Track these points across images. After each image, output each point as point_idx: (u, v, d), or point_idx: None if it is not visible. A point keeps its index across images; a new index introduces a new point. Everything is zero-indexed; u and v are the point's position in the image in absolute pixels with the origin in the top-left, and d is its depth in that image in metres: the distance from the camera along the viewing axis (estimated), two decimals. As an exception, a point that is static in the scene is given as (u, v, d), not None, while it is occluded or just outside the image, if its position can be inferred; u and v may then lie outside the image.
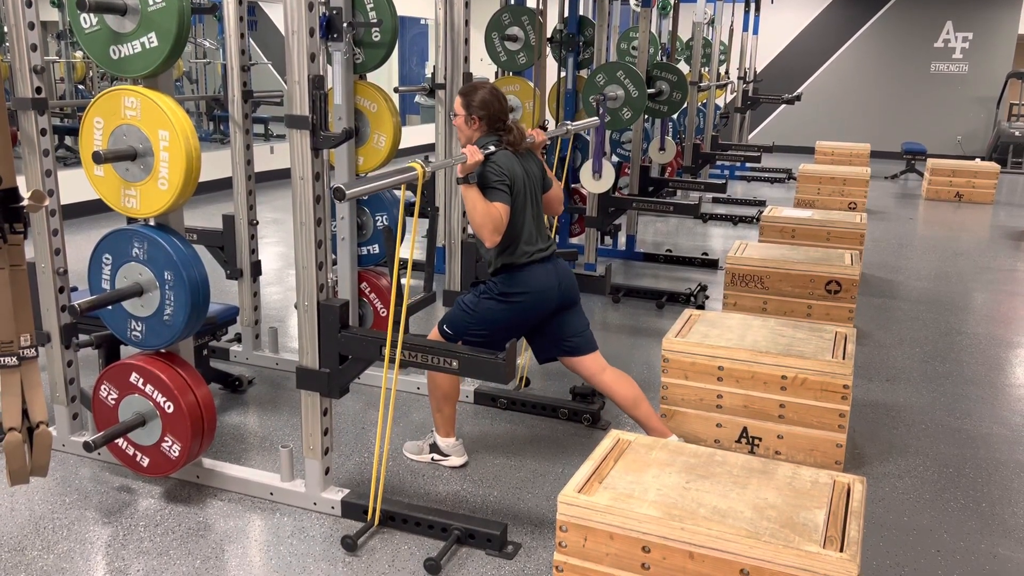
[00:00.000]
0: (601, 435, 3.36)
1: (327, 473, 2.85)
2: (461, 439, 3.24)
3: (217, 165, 6.85)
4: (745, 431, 3.26)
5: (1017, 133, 12.29)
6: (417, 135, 12.59)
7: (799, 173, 8.60)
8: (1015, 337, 4.99)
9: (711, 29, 9.58)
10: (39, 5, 2.82)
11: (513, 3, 5.90)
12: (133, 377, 2.80)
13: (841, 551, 1.88)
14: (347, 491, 2.86)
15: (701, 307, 5.32)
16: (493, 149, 2.83)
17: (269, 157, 9.55)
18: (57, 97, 9.25)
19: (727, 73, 10.71)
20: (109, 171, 2.64)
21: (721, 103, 10.65)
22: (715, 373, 3.26)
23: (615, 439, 2.42)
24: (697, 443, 3.22)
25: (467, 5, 3.51)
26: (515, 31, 5.40)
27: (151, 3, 2.46)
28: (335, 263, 3.52)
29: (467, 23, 3.54)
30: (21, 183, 2.22)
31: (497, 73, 5.90)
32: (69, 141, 8.65)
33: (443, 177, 4.39)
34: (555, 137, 3.78)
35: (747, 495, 2.12)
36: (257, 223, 4.05)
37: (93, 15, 2.53)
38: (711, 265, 6.38)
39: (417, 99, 13.06)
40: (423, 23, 13.60)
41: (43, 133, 2.87)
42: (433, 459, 3.20)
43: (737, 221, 8.14)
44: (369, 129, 3.56)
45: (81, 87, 9.69)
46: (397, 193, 3.89)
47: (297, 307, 2.72)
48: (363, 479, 3.05)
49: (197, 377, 2.85)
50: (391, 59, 3.59)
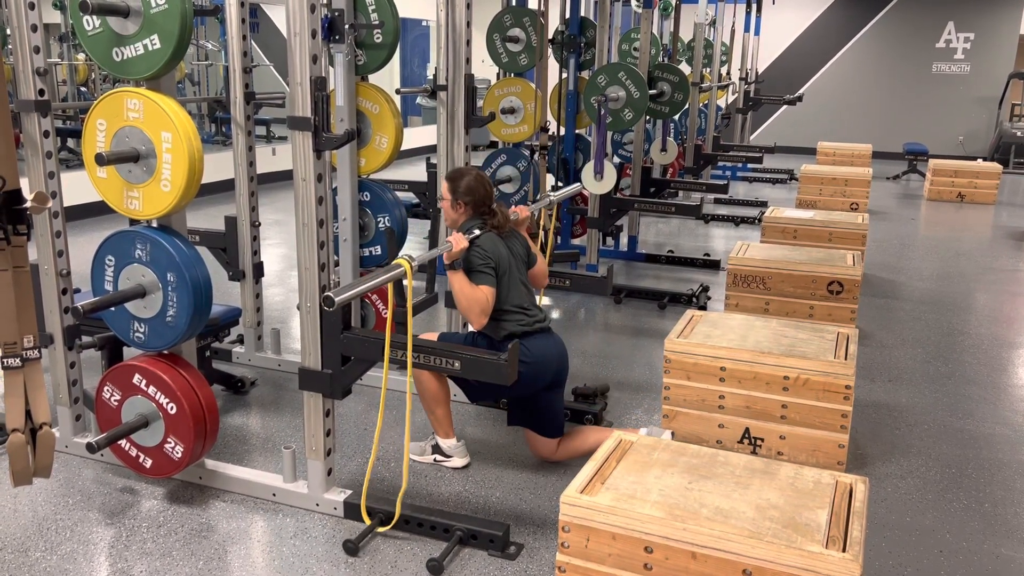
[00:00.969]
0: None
1: (329, 474, 2.85)
2: (463, 440, 3.24)
3: (219, 167, 6.87)
4: (747, 432, 3.26)
5: (1019, 133, 12.28)
6: (419, 136, 12.61)
7: (801, 174, 8.61)
8: (1017, 337, 4.99)
9: (713, 30, 9.59)
10: (41, 7, 2.83)
11: (515, 4, 5.90)
12: (136, 378, 2.80)
13: (844, 551, 1.88)
14: (349, 492, 2.86)
15: (703, 308, 5.32)
16: (478, 233, 2.95)
17: (271, 159, 9.56)
18: (59, 99, 9.28)
19: (729, 74, 10.71)
20: (112, 173, 2.65)
21: (723, 104, 10.64)
22: (717, 374, 3.26)
23: (617, 440, 2.42)
24: (699, 444, 3.22)
25: (469, 6, 3.51)
26: (516, 32, 5.41)
27: (154, 5, 2.47)
28: (337, 264, 3.53)
29: (469, 24, 3.54)
30: (24, 185, 2.23)
31: (499, 74, 5.90)
32: (71, 143, 8.67)
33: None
34: (545, 209, 3.82)
35: (749, 495, 2.12)
36: (259, 224, 4.05)
37: (96, 17, 2.54)
38: (713, 266, 6.38)
39: (419, 100, 13.07)
40: (425, 24, 13.61)
41: (46, 135, 2.87)
42: (435, 460, 3.21)
43: (739, 222, 8.14)
44: (371, 130, 3.56)
45: (83, 89, 9.71)
46: (399, 194, 3.90)
47: (299, 308, 2.72)
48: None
49: (200, 378, 2.85)
50: (393, 60, 3.60)
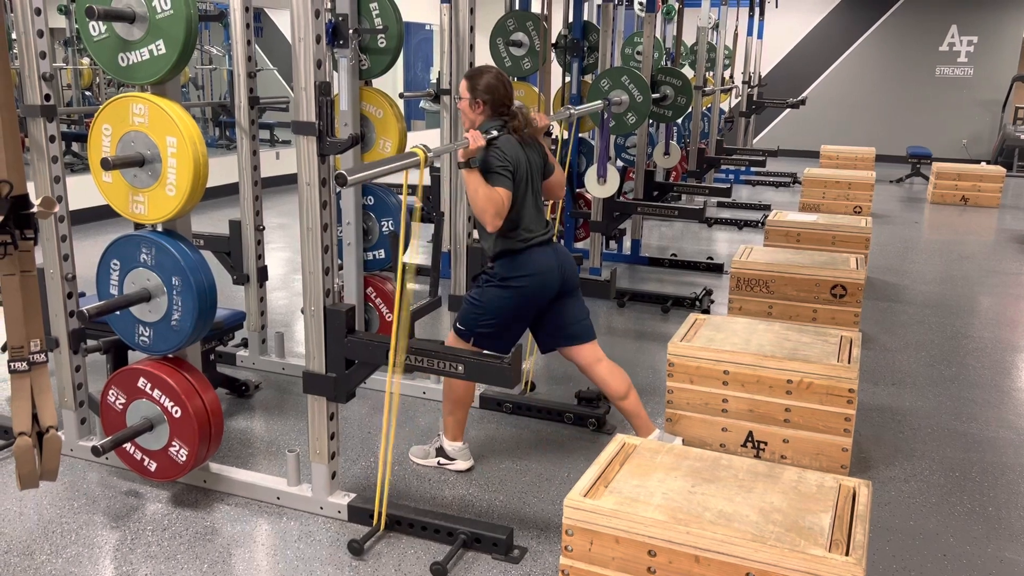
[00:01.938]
0: (606, 439, 3.36)
1: (333, 477, 2.86)
2: (467, 443, 3.24)
3: (223, 171, 6.89)
4: (751, 435, 3.26)
5: (1023, 136, 12.26)
6: (422, 140, 12.59)
7: (804, 177, 8.60)
8: (1021, 341, 4.98)
9: (715, 33, 9.59)
10: (47, 12, 2.85)
11: (518, 9, 5.92)
12: (141, 382, 2.81)
13: (847, 555, 1.89)
14: (354, 495, 2.87)
15: (706, 311, 5.32)
16: (496, 134, 2.84)
17: (275, 163, 9.58)
18: (64, 104, 9.31)
19: (732, 77, 10.72)
20: (117, 177, 2.67)
21: (726, 107, 10.65)
22: (720, 377, 3.27)
23: (620, 443, 2.43)
24: (702, 447, 3.23)
25: (472, 11, 3.53)
26: (520, 36, 5.42)
27: (159, 11, 2.49)
28: (341, 268, 3.54)
29: (472, 29, 3.55)
30: (30, 189, 2.24)
31: (502, 78, 5.91)
32: (76, 147, 8.70)
33: (447, 182, 4.41)
34: (558, 129, 3.76)
35: (752, 499, 2.12)
36: (263, 228, 4.06)
37: (102, 23, 2.56)
38: (716, 269, 6.38)
39: (422, 104, 13.07)
40: (428, 29, 13.63)
41: (52, 140, 2.89)
42: (439, 463, 3.21)
43: (742, 225, 8.14)
44: (375, 134, 3.57)
45: (88, 93, 9.75)
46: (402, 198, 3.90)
47: (303, 312, 2.73)
48: (370, 483, 3.06)
49: (204, 382, 2.86)
50: (396, 65, 3.61)
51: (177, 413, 2.78)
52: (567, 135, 3.79)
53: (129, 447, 2.90)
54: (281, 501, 2.92)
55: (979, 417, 3.82)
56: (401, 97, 4.95)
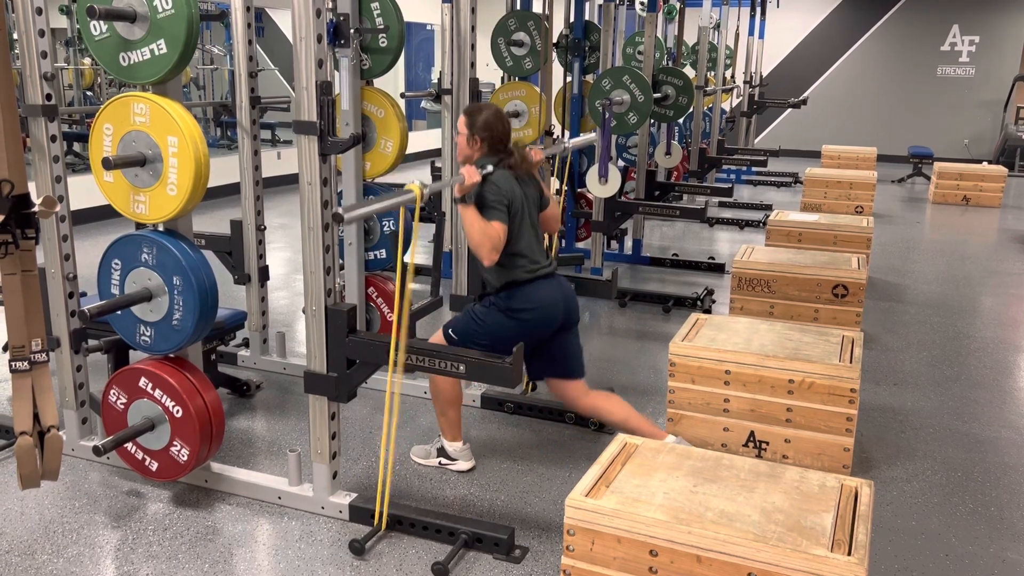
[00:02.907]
0: (608, 439, 3.36)
1: (335, 477, 2.86)
2: (468, 443, 3.24)
3: (225, 171, 6.88)
4: (752, 435, 3.26)
5: (1024, 136, 12.26)
6: (423, 140, 12.61)
7: (805, 177, 8.59)
8: (1023, 341, 4.98)
9: (717, 33, 9.59)
10: (48, 12, 2.85)
11: (519, 9, 5.92)
12: (142, 382, 2.81)
13: (849, 555, 1.88)
14: (355, 495, 2.87)
15: (708, 311, 5.32)
16: (491, 169, 2.87)
17: (276, 163, 9.58)
18: (65, 104, 9.31)
19: (733, 77, 10.71)
20: (119, 177, 2.67)
21: (727, 107, 10.64)
22: (722, 377, 3.26)
23: (622, 443, 2.43)
24: (704, 447, 3.22)
25: (473, 11, 3.53)
26: (521, 36, 5.42)
27: (160, 10, 2.49)
28: (342, 268, 3.54)
29: (473, 29, 3.55)
30: (32, 189, 2.24)
31: (503, 78, 5.91)
32: (78, 147, 8.70)
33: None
34: (553, 155, 3.79)
35: (754, 499, 2.12)
36: (265, 228, 4.06)
37: (103, 22, 2.56)
38: (718, 269, 6.38)
39: (423, 104, 13.08)
40: (429, 29, 13.63)
41: (53, 139, 2.89)
42: (440, 463, 3.21)
43: (743, 225, 8.14)
44: (376, 134, 3.57)
45: (89, 93, 9.75)
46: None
47: (305, 312, 2.73)
48: (371, 483, 3.06)
49: (205, 382, 2.86)
50: (398, 65, 3.61)
51: (178, 413, 2.78)
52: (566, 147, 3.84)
53: (130, 447, 2.90)
54: (282, 501, 2.92)
55: (981, 417, 3.81)
56: (402, 97, 4.95)
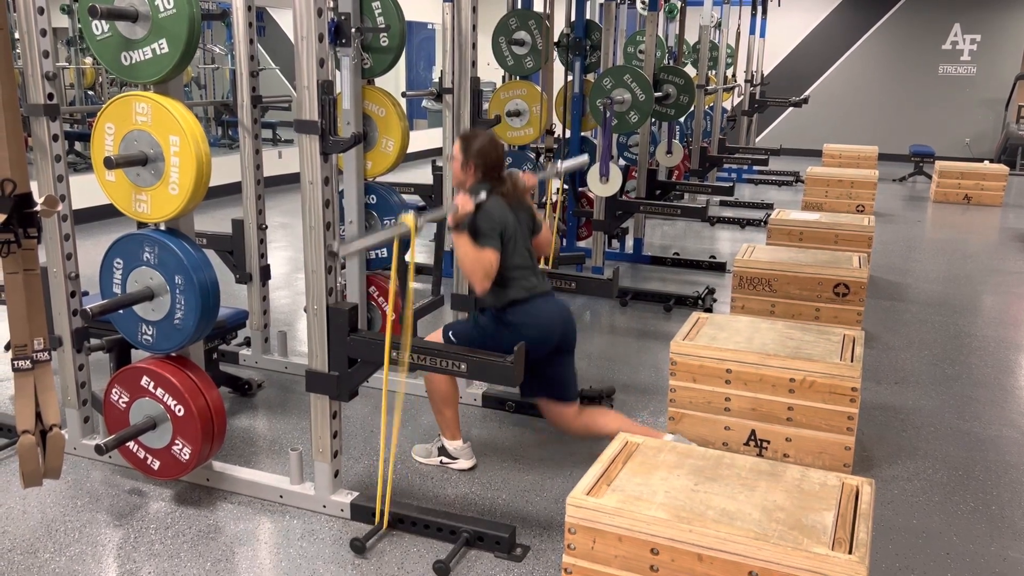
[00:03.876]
0: (609, 438, 3.36)
1: (336, 476, 2.86)
2: (469, 442, 3.25)
3: (226, 170, 6.88)
4: (753, 434, 3.26)
5: (1026, 135, 12.24)
6: (424, 139, 12.61)
7: (807, 176, 8.59)
8: (1024, 339, 4.98)
9: (718, 32, 9.58)
10: (50, 11, 2.85)
11: (520, 8, 5.92)
12: (144, 381, 2.82)
13: (850, 553, 1.88)
14: (356, 494, 2.87)
15: (709, 310, 5.32)
16: (484, 196, 2.88)
17: (278, 162, 9.58)
18: (67, 103, 9.32)
19: (734, 76, 10.70)
20: (120, 176, 2.67)
21: (728, 106, 10.64)
22: (723, 376, 3.27)
23: (623, 442, 2.43)
24: (705, 446, 3.22)
25: (474, 10, 3.53)
26: (522, 35, 5.42)
27: (162, 10, 2.49)
28: (344, 267, 3.54)
29: (474, 28, 3.55)
30: (34, 188, 2.24)
31: (504, 77, 5.92)
32: (79, 147, 8.71)
33: (450, 183, 4.40)
34: (544, 180, 3.83)
35: (755, 497, 2.12)
36: (266, 227, 4.07)
37: (105, 22, 2.56)
38: (719, 268, 6.38)
39: (424, 103, 13.09)
40: (430, 28, 13.63)
41: (55, 139, 2.89)
42: (441, 462, 3.21)
43: (745, 224, 8.13)
44: (377, 133, 3.58)
45: (91, 93, 9.76)
46: (405, 197, 3.91)
47: (306, 311, 2.74)
48: (372, 482, 3.06)
49: (207, 380, 2.87)
50: (399, 64, 3.62)
51: (180, 412, 2.78)
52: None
53: (132, 445, 2.91)
54: (284, 499, 2.92)
55: (982, 416, 3.81)
56: (404, 96, 4.94)
